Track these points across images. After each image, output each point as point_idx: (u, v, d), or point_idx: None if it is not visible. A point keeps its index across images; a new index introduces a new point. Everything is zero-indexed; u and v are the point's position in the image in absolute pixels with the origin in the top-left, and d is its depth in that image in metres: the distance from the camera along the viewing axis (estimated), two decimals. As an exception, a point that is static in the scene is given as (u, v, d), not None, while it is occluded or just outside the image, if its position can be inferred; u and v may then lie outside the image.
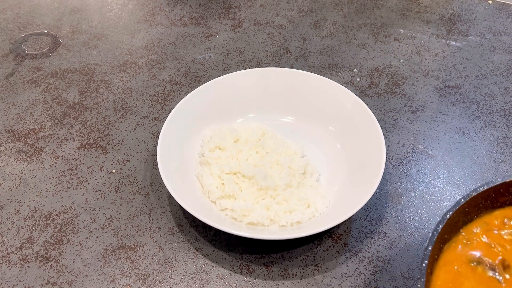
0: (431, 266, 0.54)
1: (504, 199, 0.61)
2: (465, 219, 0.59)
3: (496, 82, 1.00)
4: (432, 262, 0.54)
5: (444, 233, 0.56)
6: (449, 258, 0.57)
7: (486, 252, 0.57)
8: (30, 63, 1.09)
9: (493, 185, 0.58)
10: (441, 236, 0.55)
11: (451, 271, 0.55)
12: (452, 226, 0.57)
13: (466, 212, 0.59)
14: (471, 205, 0.58)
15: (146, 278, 0.70)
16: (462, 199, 0.57)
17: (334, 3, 1.25)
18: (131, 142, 0.90)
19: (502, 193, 0.60)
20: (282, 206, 0.74)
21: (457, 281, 0.54)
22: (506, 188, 0.60)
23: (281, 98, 0.90)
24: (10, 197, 0.82)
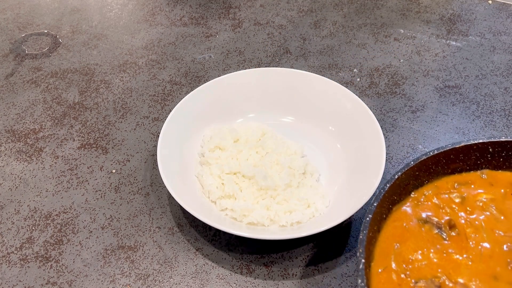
0: (378, 224, 0.56)
1: (455, 166, 0.62)
2: (415, 182, 0.60)
3: (496, 82, 1.00)
4: (379, 220, 0.56)
5: (393, 194, 0.58)
6: (398, 216, 0.59)
7: (435, 213, 0.59)
8: (30, 63, 1.09)
9: (443, 150, 0.60)
10: (390, 197, 0.57)
11: (399, 227, 0.57)
12: (402, 188, 0.59)
13: (416, 176, 0.60)
14: (421, 168, 0.60)
15: (146, 278, 0.70)
16: (412, 162, 0.58)
17: (334, 3, 1.25)
18: (131, 142, 0.90)
19: (452, 160, 0.61)
20: (282, 206, 0.74)
21: (403, 236, 0.57)
22: (456, 154, 0.61)
23: (281, 98, 0.90)
24: (10, 197, 0.82)
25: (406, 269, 0.54)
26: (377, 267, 0.54)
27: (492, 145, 0.61)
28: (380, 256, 0.55)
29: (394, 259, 0.55)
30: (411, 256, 0.55)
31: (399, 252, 0.55)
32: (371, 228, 0.53)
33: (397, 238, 0.57)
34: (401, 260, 0.54)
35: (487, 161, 0.62)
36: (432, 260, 0.55)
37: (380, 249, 0.56)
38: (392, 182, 0.56)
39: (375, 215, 0.53)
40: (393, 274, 0.53)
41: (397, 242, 0.56)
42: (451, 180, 0.63)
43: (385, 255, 0.55)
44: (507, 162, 0.62)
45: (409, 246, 0.56)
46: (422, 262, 0.55)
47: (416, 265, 0.54)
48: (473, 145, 0.61)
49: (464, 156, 0.61)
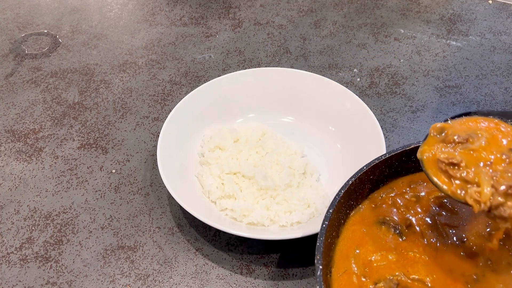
0: (336, 229, 0.57)
1: (408, 166, 0.63)
2: (370, 186, 0.61)
3: (496, 82, 1.00)
4: (337, 226, 0.57)
5: (348, 199, 0.59)
6: (356, 220, 0.60)
7: (392, 213, 0.60)
8: (30, 63, 1.09)
9: (394, 153, 0.60)
10: (346, 202, 0.58)
11: (358, 230, 0.59)
12: (358, 193, 0.60)
13: (371, 180, 0.61)
14: (375, 172, 0.61)
15: (146, 278, 0.70)
16: (364, 167, 0.59)
17: (334, 3, 1.25)
18: (131, 142, 0.90)
19: (405, 161, 0.62)
20: (282, 206, 0.74)
21: (362, 240, 0.58)
22: (408, 156, 0.61)
23: (281, 98, 0.90)
24: (10, 197, 0.82)
25: (366, 271, 0.55)
26: (337, 271, 0.55)
27: None
28: (340, 260, 0.56)
29: (354, 262, 0.56)
30: (370, 258, 0.56)
31: (359, 255, 0.56)
32: (328, 234, 0.54)
33: (357, 242, 0.58)
34: (361, 263, 0.56)
35: None
36: (390, 260, 0.56)
37: (340, 253, 0.57)
38: (346, 188, 0.57)
39: (331, 221, 0.54)
40: (353, 277, 0.54)
41: (357, 245, 0.57)
42: (406, 180, 0.63)
43: (345, 258, 0.56)
44: None
45: (368, 248, 0.57)
46: (381, 262, 0.55)
47: (375, 265, 0.55)
48: None
49: (416, 157, 0.61)
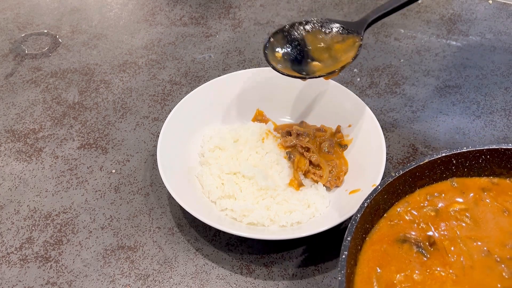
0: (354, 258, 0.54)
1: (422, 182, 0.62)
2: (385, 206, 0.60)
3: (496, 82, 1.00)
4: (355, 253, 0.54)
5: (364, 223, 0.56)
6: (375, 240, 0.57)
7: (411, 230, 0.58)
8: (30, 63, 1.09)
9: (408, 169, 0.59)
10: (362, 227, 0.56)
11: (378, 250, 0.56)
12: (373, 215, 0.58)
13: (385, 199, 0.59)
14: (389, 191, 0.59)
15: (146, 278, 0.70)
16: (379, 186, 0.57)
17: (334, 3, 1.24)
18: (131, 142, 0.90)
19: (418, 177, 0.61)
20: (282, 206, 0.74)
21: (383, 260, 0.55)
22: (421, 171, 0.60)
23: (281, 98, 0.90)
24: (10, 197, 0.82)
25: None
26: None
27: (456, 157, 0.61)
28: (362, 283, 0.53)
29: (377, 284, 0.53)
30: (394, 280, 0.53)
31: (381, 276, 0.54)
32: (348, 264, 0.51)
33: (378, 262, 0.55)
34: (384, 285, 0.53)
35: (452, 173, 0.62)
36: (416, 280, 0.53)
37: (362, 276, 0.54)
38: (362, 212, 0.54)
39: (350, 250, 0.51)
40: None
41: (378, 266, 0.55)
42: (422, 193, 0.62)
43: (367, 281, 0.53)
44: (471, 172, 0.62)
45: (391, 269, 0.54)
46: (406, 284, 0.53)
47: (401, 287, 0.53)
48: (437, 160, 0.60)
49: (430, 171, 0.61)
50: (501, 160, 0.61)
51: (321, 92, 0.87)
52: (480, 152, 0.61)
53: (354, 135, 0.82)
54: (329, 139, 0.82)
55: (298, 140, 0.80)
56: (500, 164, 0.61)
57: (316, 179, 0.77)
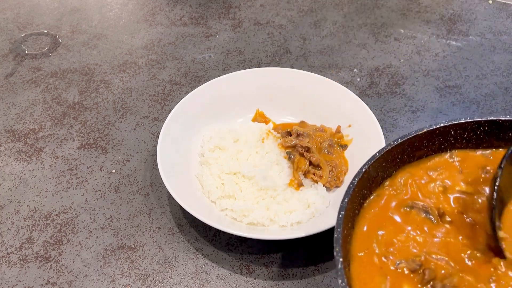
0: (352, 221, 0.55)
1: (420, 153, 0.62)
2: (383, 174, 0.60)
3: (496, 82, 1.00)
4: (352, 217, 0.55)
5: (362, 188, 0.57)
6: (380, 205, 0.58)
7: (418, 199, 0.59)
8: (30, 63, 1.09)
9: (407, 138, 0.59)
10: (360, 191, 0.56)
11: (383, 214, 0.57)
12: (371, 181, 0.58)
13: (383, 167, 0.59)
14: (387, 159, 0.59)
15: (146, 278, 0.70)
16: (377, 153, 0.58)
17: (334, 3, 1.25)
18: (131, 142, 0.90)
19: (417, 147, 0.61)
20: (282, 206, 0.74)
21: (386, 222, 0.56)
22: (420, 141, 0.61)
23: (281, 98, 0.90)
24: (10, 197, 0.82)
25: (388, 251, 0.54)
26: (357, 250, 0.54)
27: (454, 128, 0.61)
28: (361, 241, 0.55)
29: (376, 242, 0.55)
30: (394, 239, 0.54)
31: (382, 236, 0.55)
32: (345, 225, 0.52)
33: (380, 224, 0.56)
34: (383, 244, 0.54)
35: (451, 144, 0.63)
36: (418, 241, 0.54)
37: (360, 237, 0.55)
38: (361, 176, 0.55)
39: (347, 211, 0.52)
40: (374, 257, 0.53)
41: (380, 227, 0.56)
42: (423, 167, 0.62)
43: (366, 239, 0.55)
44: (470, 143, 0.63)
45: (392, 230, 0.55)
46: (406, 243, 0.54)
47: (399, 246, 0.54)
48: (436, 130, 0.60)
49: (428, 142, 0.61)
50: (500, 131, 0.61)
51: (321, 92, 0.87)
52: (479, 123, 0.61)
53: (354, 135, 0.82)
54: (329, 139, 0.82)
55: (298, 140, 0.80)
56: (498, 135, 0.61)
57: (316, 179, 0.77)
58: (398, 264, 0.52)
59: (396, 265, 0.52)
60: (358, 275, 0.52)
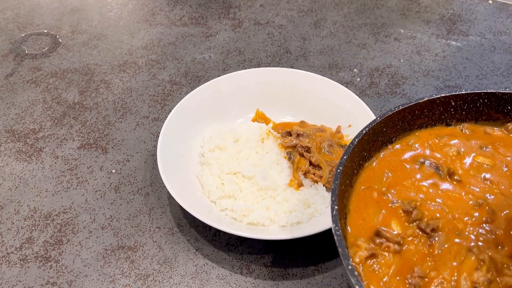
0: (350, 179, 0.58)
1: (420, 121, 0.64)
2: (383, 139, 0.62)
3: (496, 82, 1.00)
4: (350, 175, 0.57)
5: (362, 150, 0.59)
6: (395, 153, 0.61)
7: (428, 156, 0.61)
8: (30, 63, 1.09)
9: (408, 105, 0.61)
10: (360, 152, 0.58)
11: (396, 161, 0.60)
12: (371, 144, 0.60)
13: (384, 132, 0.61)
14: (388, 124, 0.61)
15: (146, 278, 0.70)
16: (378, 118, 0.60)
17: (334, 3, 1.25)
18: (131, 142, 0.90)
19: (418, 115, 0.63)
20: (282, 206, 0.74)
21: (397, 167, 0.60)
22: (421, 109, 0.62)
23: (281, 98, 0.90)
24: (10, 197, 0.82)
25: (390, 191, 0.57)
26: (360, 185, 0.58)
27: (454, 98, 0.62)
28: (367, 178, 0.58)
29: (382, 181, 0.58)
30: (399, 183, 0.58)
31: (388, 177, 0.59)
32: (342, 180, 0.54)
33: (392, 168, 0.59)
34: (387, 184, 0.58)
35: (451, 115, 0.64)
36: (421, 188, 0.57)
37: (371, 172, 0.59)
38: (360, 137, 0.57)
39: (345, 168, 0.54)
40: (374, 192, 0.57)
41: (391, 170, 0.59)
42: (433, 132, 0.64)
43: (372, 177, 0.58)
44: (469, 115, 0.64)
45: (400, 175, 0.59)
46: (409, 189, 0.57)
47: (401, 189, 0.57)
48: (436, 99, 0.62)
49: (429, 111, 0.63)
50: (498, 104, 0.62)
51: (321, 92, 0.87)
52: (478, 96, 0.62)
53: (354, 135, 0.82)
54: (329, 139, 0.82)
55: (298, 140, 0.80)
56: (497, 108, 0.63)
57: (316, 179, 0.77)
58: (394, 203, 0.56)
59: (392, 203, 0.56)
60: (356, 204, 0.56)
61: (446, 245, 0.52)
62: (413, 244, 0.52)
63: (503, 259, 0.50)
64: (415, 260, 0.51)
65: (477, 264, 0.50)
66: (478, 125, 0.64)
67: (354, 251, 0.51)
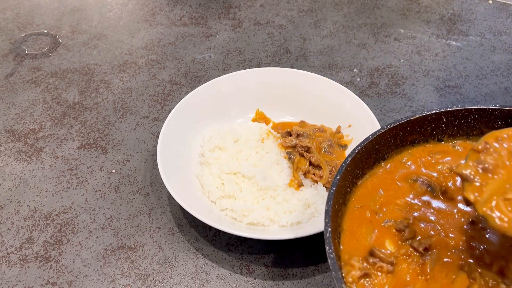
0: (343, 197, 0.58)
1: (412, 138, 0.64)
2: (376, 156, 0.63)
3: (496, 82, 1.00)
4: (344, 194, 0.58)
5: (355, 168, 0.60)
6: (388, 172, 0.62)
7: (421, 174, 0.62)
8: (30, 63, 1.09)
9: (400, 123, 0.62)
10: (352, 171, 0.59)
11: (389, 179, 0.61)
12: (363, 162, 0.61)
13: (376, 150, 0.62)
14: (380, 142, 0.62)
15: (146, 278, 0.70)
16: (370, 136, 0.60)
17: (334, 3, 1.25)
18: (131, 142, 0.90)
19: (409, 132, 0.63)
20: (282, 206, 0.74)
21: (390, 186, 0.60)
22: (412, 126, 0.63)
23: (281, 98, 0.90)
24: (10, 197, 0.82)
25: (382, 210, 0.58)
26: (354, 204, 0.58)
27: (445, 115, 0.63)
28: (361, 197, 0.59)
29: (374, 200, 0.58)
30: (392, 202, 0.58)
31: (381, 196, 0.59)
32: (336, 200, 0.54)
33: (384, 186, 0.60)
34: (380, 203, 0.58)
35: (442, 131, 0.64)
36: (413, 207, 0.58)
37: (365, 191, 0.60)
38: (353, 156, 0.58)
39: (338, 187, 0.55)
40: (367, 212, 0.58)
41: (383, 189, 0.60)
42: (425, 149, 0.65)
43: (366, 196, 0.59)
44: (461, 131, 0.64)
45: (393, 194, 0.59)
46: (402, 208, 0.58)
47: (394, 208, 0.58)
48: (427, 116, 0.62)
49: (420, 127, 0.63)
50: (489, 120, 0.63)
51: (321, 92, 0.87)
52: (469, 112, 0.63)
53: (354, 135, 0.82)
54: (329, 139, 0.82)
55: (298, 140, 0.80)
56: (488, 124, 0.63)
57: (316, 179, 0.77)
58: (387, 222, 0.57)
59: (385, 223, 0.57)
60: (350, 225, 0.57)
61: (438, 264, 0.52)
62: (406, 263, 0.53)
63: (493, 276, 0.51)
64: (408, 279, 0.52)
65: (469, 282, 0.50)
66: (470, 141, 0.65)
67: (348, 270, 0.52)
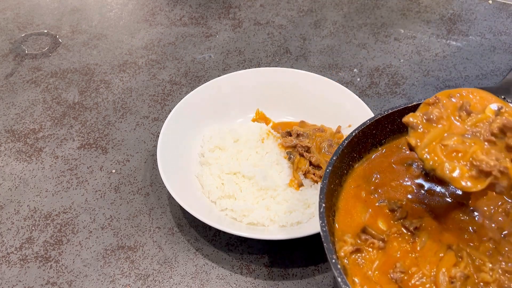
0: (339, 178, 0.60)
1: None
2: (373, 141, 0.64)
3: (496, 82, 1.00)
4: (340, 175, 0.60)
5: (352, 151, 0.61)
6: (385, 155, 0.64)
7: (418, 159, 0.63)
8: (30, 63, 1.09)
9: (397, 109, 0.63)
10: (349, 154, 0.61)
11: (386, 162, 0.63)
12: (360, 146, 0.63)
13: (373, 134, 0.63)
14: (377, 127, 0.63)
15: (146, 278, 0.70)
16: (368, 121, 0.62)
17: (334, 3, 1.25)
18: (131, 142, 0.90)
19: None
20: (282, 206, 0.74)
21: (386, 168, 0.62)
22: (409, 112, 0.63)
23: (281, 98, 0.90)
24: (10, 197, 0.82)
25: (377, 191, 0.60)
26: (350, 185, 0.61)
27: None
28: (357, 178, 0.61)
29: (370, 181, 0.60)
30: (387, 184, 0.60)
31: (377, 178, 0.61)
32: (331, 180, 0.56)
33: (380, 169, 0.62)
34: (376, 184, 0.60)
35: None
36: (406, 188, 0.60)
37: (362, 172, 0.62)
38: (350, 139, 0.59)
39: (334, 168, 0.57)
40: (362, 192, 0.60)
41: (379, 171, 0.62)
42: None
43: (362, 178, 0.61)
44: None
45: (389, 176, 0.61)
46: (396, 189, 0.60)
47: (388, 189, 0.60)
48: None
49: None
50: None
51: (321, 92, 0.87)
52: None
53: (354, 135, 0.82)
54: (329, 139, 0.82)
55: (298, 140, 0.80)
56: None
57: (316, 179, 0.77)
58: (381, 202, 0.59)
59: (379, 202, 0.59)
60: (345, 203, 0.59)
61: (428, 243, 0.54)
62: (397, 241, 0.55)
63: (480, 256, 0.53)
64: (398, 256, 0.54)
65: (456, 260, 0.52)
66: None
67: (340, 245, 0.54)
